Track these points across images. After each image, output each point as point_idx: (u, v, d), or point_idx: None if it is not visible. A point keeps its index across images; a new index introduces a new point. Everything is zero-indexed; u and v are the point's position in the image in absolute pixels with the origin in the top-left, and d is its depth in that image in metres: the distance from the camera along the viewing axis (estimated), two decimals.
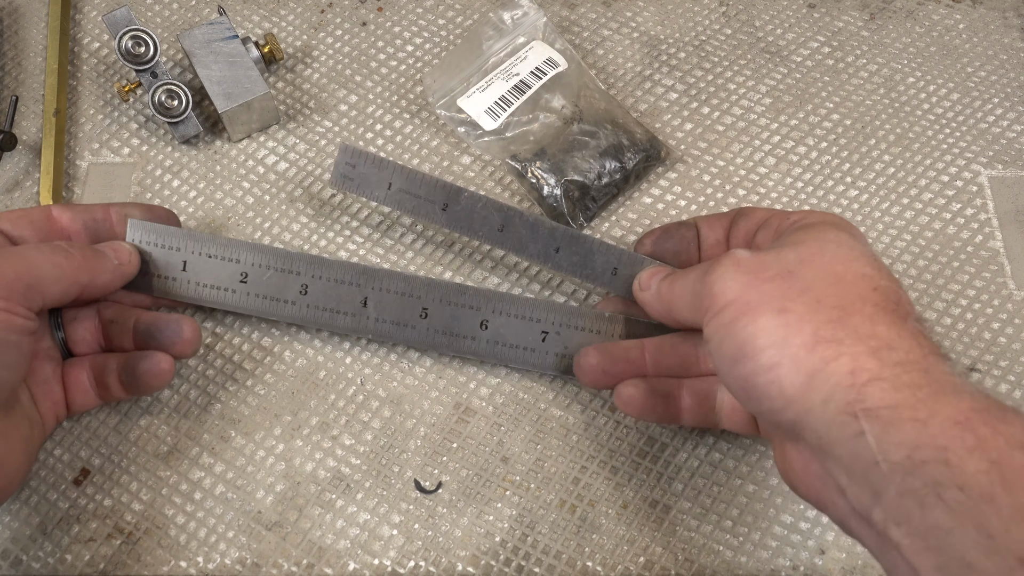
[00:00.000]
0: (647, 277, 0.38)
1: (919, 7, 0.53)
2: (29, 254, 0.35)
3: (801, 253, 0.31)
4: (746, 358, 0.29)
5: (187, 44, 0.47)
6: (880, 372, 0.27)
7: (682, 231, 0.40)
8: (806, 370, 0.28)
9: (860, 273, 0.30)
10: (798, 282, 0.30)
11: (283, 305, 0.40)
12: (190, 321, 0.39)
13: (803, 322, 0.29)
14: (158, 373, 0.37)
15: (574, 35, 0.52)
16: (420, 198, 0.41)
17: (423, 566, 0.38)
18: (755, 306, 0.30)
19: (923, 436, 0.25)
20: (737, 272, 0.31)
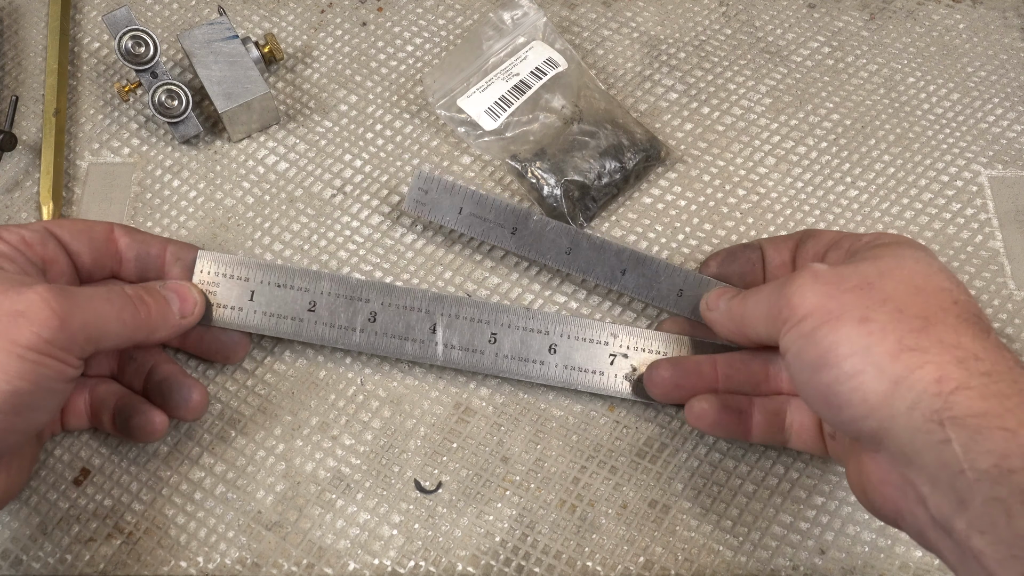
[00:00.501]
0: (715, 297, 0.38)
1: (919, 7, 0.53)
2: (101, 307, 0.34)
3: (880, 266, 0.31)
4: (828, 366, 0.29)
5: (187, 44, 0.47)
6: (967, 381, 0.27)
7: (747, 253, 0.40)
8: (890, 378, 0.28)
9: (940, 287, 0.30)
10: (879, 293, 0.30)
11: (351, 333, 0.40)
12: (200, 388, 0.38)
13: (886, 331, 0.28)
14: (150, 431, 0.37)
15: (574, 35, 0.52)
16: (490, 222, 0.41)
17: (423, 566, 0.38)
18: (836, 315, 0.30)
19: (1012, 445, 0.25)
20: (816, 283, 0.31)
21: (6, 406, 0.30)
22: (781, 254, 0.39)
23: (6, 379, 0.30)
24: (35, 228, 0.37)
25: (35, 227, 0.37)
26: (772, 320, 0.33)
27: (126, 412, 0.37)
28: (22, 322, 0.31)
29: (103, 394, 0.38)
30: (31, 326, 0.31)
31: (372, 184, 0.47)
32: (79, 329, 0.32)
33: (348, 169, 0.47)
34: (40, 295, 0.31)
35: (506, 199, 0.41)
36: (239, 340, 0.41)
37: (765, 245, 0.40)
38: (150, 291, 0.37)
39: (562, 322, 0.40)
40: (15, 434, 0.32)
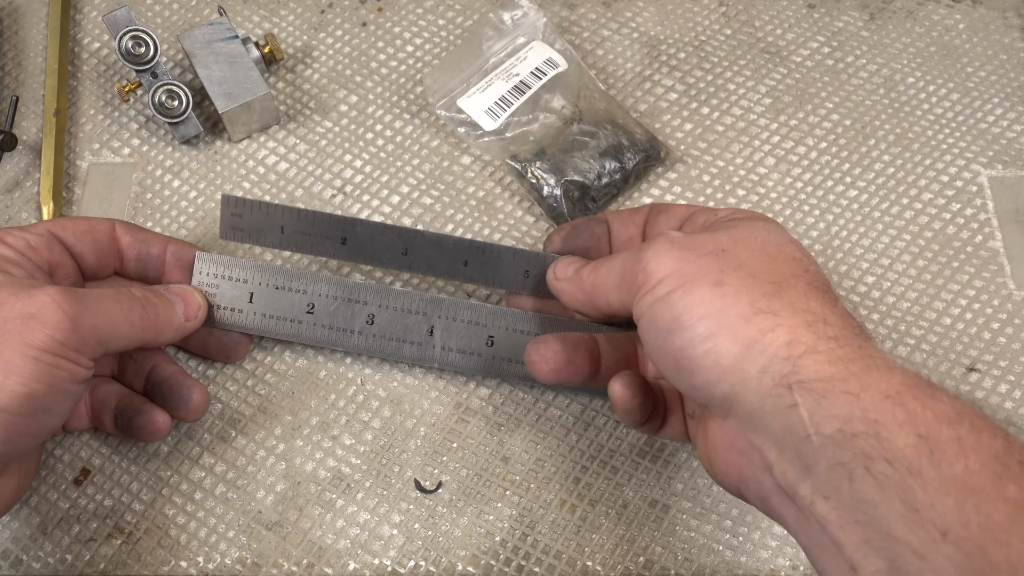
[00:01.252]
0: (564, 265, 0.37)
1: (919, 7, 0.53)
2: (110, 309, 0.34)
3: (734, 235, 0.32)
4: (682, 329, 0.29)
5: (187, 44, 0.47)
6: (816, 345, 0.27)
7: (592, 227, 0.39)
8: (743, 340, 0.28)
9: (791, 256, 0.31)
10: (733, 259, 0.30)
11: (349, 335, 0.40)
12: (201, 389, 0.38)
13: (739, 294, 0.29)
14: (153, 431, 0.37)
15: (574, 35, 0.52)
16: (316, 236, 0.40)
17: (423, 566, 0.38)
18: (691, 278, 0.30)
19: (855, 409, 0.25)
20: (672, 248, 0.31)
21: (23, 409, 0.31)
22: (628, 229, 0.39)
23: (22, 382, 0.30)
24: (39, 231, 0.36)
25: (39, 230, 0.37)
26: (626, 287, 0.32)
27: (128, 412, 0.37)
28: (35, 324, 0.31)
29: (104, 394, 0.38)
30: (44, 328, 0.31)
31: (372, 184, 0.47)
32: (90, 331, 0.32)
33: (348, 169, 0.47)
34: (51, 297, 0.32)
35: (327, 211, 0.40)
36: (239, 340, 0.41)
37: (611, 219, 0.39)
38: (156, 294, 0.37)
39: (559, 325, 0.40)
40: (31, 437, 0.32)
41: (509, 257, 0.40)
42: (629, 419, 0.35)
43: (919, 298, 0.44)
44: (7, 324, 0.31)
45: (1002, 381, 0.42)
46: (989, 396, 0.41)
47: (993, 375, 0.42)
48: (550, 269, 0.38)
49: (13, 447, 0.32)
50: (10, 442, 0.31)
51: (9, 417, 0.30)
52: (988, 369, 0.42)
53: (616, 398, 0.34)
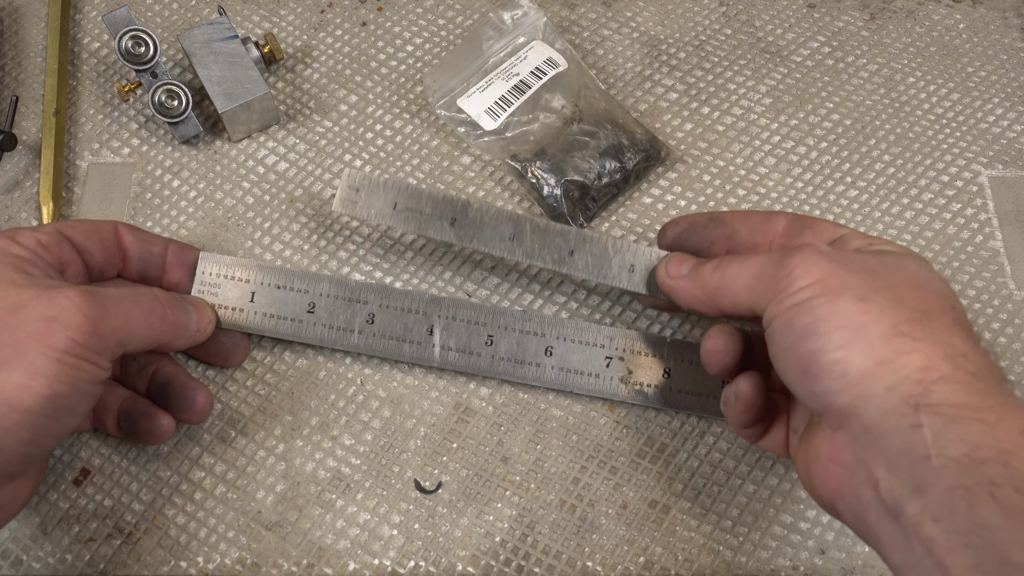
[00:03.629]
0: (676, 263, 0.37)
1: (919, 7, 0.53)
2: (130, 311, 0.34)
3: (884, 260, 0.31)
4: (818, 334, 0.29)
5: (187, 44, 0.47)
6: (952, 375, 0.27)
7: (710, 229, 0.38)
8: (876, 357, 0.28)
9: (939, 291, 0.30)
10: (881, 280, 0.30)
11: (349, 335, 0.40)
12: (205, 391, 0.38)
13: (883, 313, 0.29)
14: (157, 435, 0.37)
15: (574, 35, 0.52)
16: (427, 215, 0.40)
17: (423, 566, 0.38)
18: (837, 289, 0.29)
19: (987, 437, 0.25)
20: (821, 258, 0.31)
21: (47, 410, 0.31)
22: (755, 236, 0.37)
23: (46, 383, 0.31)
24: (48, 231, 0.36)
25: (47, 229, 0.36)
26: (762, 290, 0.32)
27: (132, 415, 0.37)
28: (56, 327, 0.31)
29: (106, 397, 0.38)
30: (66, 331, 0.31)
31: None
32: (110, 333, 0.33)
33: (348, 169, 0.47)
34: (72, 300, 0.32)
35: (441, 189, 0.40)
36: (239, 343, 0.41)
37: (738, 222, 0.38)
38: (174, 298, 0.37)
39: (558, 325, 0.40)
40: (54, 437, 0.33)
41: (615, 249, 0.39)
42: (744, 418, 0.34)
43: None
44: (29, 326, 0.31)
45: None
46: None
47: None
48: (660, 266, 0.37)
49: (37, 448, 0.32)
50: (35, 443, 0.31)
51: (34, 418, 0.31)
52: None
53: (743, 395, 0.34)
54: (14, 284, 0.32)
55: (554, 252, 0.40)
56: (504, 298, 0.43)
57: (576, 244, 0.39)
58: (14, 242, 0.35)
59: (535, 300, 0.43)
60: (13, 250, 0.34)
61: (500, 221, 0.40)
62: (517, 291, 0.44)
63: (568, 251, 0.40)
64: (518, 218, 0.40)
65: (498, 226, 0.40)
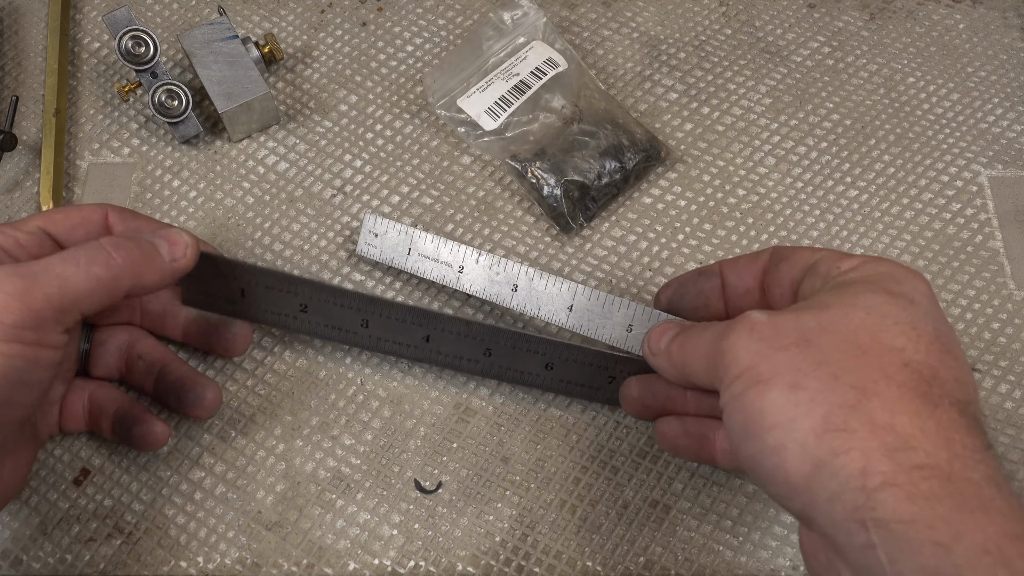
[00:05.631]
0: (656, 337, 0.35)
1: (919, 7, 0.53)
2: (62, 270, 0.31)
3: (823, 319, 0.28)
4: (752, 437, 0.27)
5: (187, 44, 0.47)
6: (894, 477, 0.25)
7: (701, 284, 0.37)
8: (812, 460, 0.26)
9: (889, 346, 0.27)
10: (816, 353, 0.27)
11: (345, 334, 0.40)
12: (214, 387, 0.38)
13: (815, 402, 0.26)
14: (152, 441, 0.37)
15: (574, 35, 0.52)
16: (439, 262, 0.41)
17: (423, 566, 0.38)
18: (766, 378, 0.27)
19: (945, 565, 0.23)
20: (751, 338, 0.28)
21: None
22: (745, 280, 0.36)
23: None
24: (29, 228, 0.35)
25: (29, 227, 0.35)
26: (711, 372, 0.30)
27: (127, 421, 0.37)
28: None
29: (102, 399, 0.38)
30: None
31: (372, 184, 0.47)
32: (44, 303, 0.30)
33: (348, 169, 0.47)
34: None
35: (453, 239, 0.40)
36: (240, 332, 0.40)
37: (726, 270, 0.36)
38: (130, 237, 0.34)
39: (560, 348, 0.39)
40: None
41: (615, 307, 0.39)
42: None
43: None
44: None
45: (1002, 381, 0.42)
46: (989, 396, 0.41)
47: (993, 375, 0.42)
48: (644, 342, 0.36)
49: None
50: None
51: None
52: (988, 369, 0.42)
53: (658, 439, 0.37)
54: None
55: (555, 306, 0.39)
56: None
57: (577, 298, 0.39)
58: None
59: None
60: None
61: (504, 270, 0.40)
62: None
63: (568, 305, 0.39)
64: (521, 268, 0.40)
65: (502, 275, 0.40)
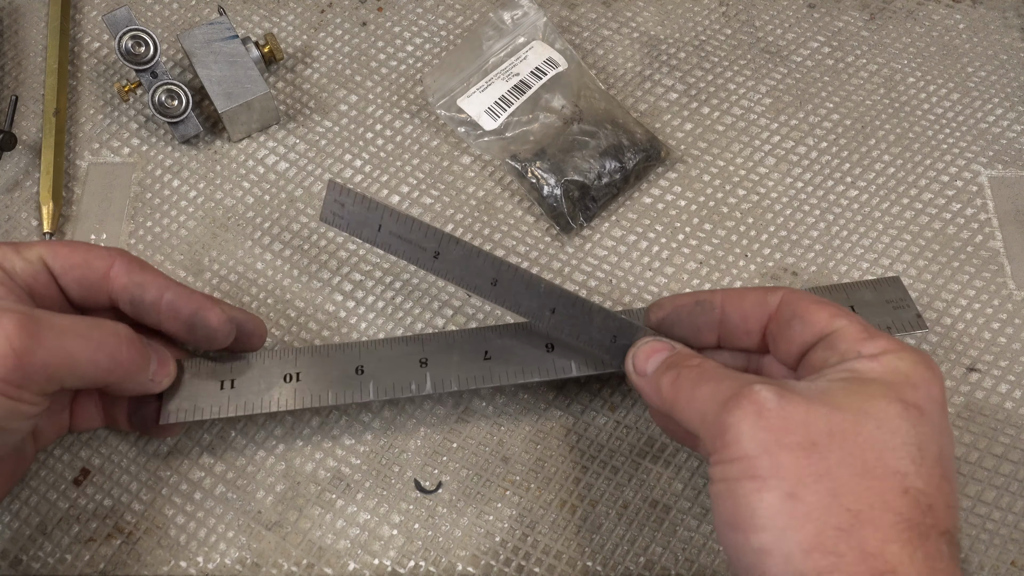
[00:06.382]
0: (643, 358, 0.34)
1: (919, 7, 0.53)
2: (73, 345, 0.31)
3: (833, 423, 0.27)
4: (737, 530, 0.27)
5: (187, 44, 0.47)
6: None
7: (696, 316, 0.35)
8: (794, 573, 0.26)
9: (893, 469, 0.27)
10: (820, 462, 0.27)
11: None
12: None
13: (808, 518, 0.26)
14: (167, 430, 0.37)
15: (574, 35, 0.52)
16: (412, 243, 0.38)
17: (423, 566, 0.38)
18: (766, 476, 0.27)
19: None
20: (758, 427, 0.27)
21: None
22: (748, 323, 0.34)
23: None
24: (30, 257, 0.34)
25: (31, 255, 0.34)
26: (703, 434, 0.29)
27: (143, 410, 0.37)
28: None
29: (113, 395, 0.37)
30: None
31: (372, 184, 0.47)
32: (40, 368, 0.30)
33: (348, 169, 0.47)
34: (4, 330, 0.29)
35: (427, 222, 0.38)
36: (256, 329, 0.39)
37: (728, 306, 0.34)
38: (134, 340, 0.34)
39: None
40: None
41: (599, 317, 0.36)
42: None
43: (919, 298, 0.44)
44: None
45: (1002, 381, 0.42)
46: (989, 396, 0.41)
47: (993, 375, 0.42)
48: (628, 357, 0.34)
49: None
50: None
51: None
52: (988, 369, 0.42)
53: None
54: None
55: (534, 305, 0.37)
56: None
57: (559, 303, 0.37)
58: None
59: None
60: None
61: (484, 265, 0.37)
62: None
63: (550, 308, 0.37)
64: (502, 264, 0.37)
65: (482, 269, 0.37)
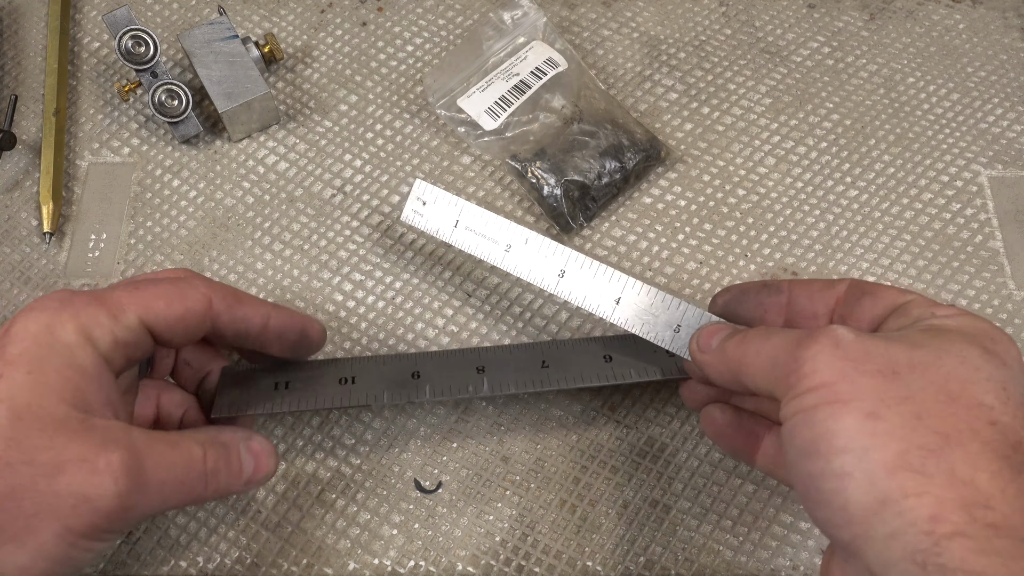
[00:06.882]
0: (707, 335, 0.33)
1: (919, 7, 0.53)
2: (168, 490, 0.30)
3: (914, 356, 0.26)
4: (817, 455, 0.26)
5: (187, 44, 0.47)
6: (967, 529, 0.23)
7: (763, 296, 0.34)
8: (878, 495, 0.24)
9: (978, 400, 0.26)
10: (902, 387, 0.26)
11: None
12: None
13: (892, 437, 0.25)
14: None
15: (574, 35, 0.52)
16: (485, 237, 0.39)
17: (423, 566, 0.38)
18: (845, 399, 0.26)
19: None
20: (835, 355, 0.27)
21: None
22: (816, 304, 0.33)
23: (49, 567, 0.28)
24: (131, 324, 0.31)
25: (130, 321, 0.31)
26: (775, 379, 0.29)
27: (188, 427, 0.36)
28: (84, 510, 0.28)
29: (168, 404, 0.36)
30: (93, 515, 0.28)
31: (372, 184, 0.47)
32: (138, 515, 0.29)
33: (348, 169, 0.47)
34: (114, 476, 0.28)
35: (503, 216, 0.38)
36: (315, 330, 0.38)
37: (797, 290, 0.34)
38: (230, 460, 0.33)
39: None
40: None
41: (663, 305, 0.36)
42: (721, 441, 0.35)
43: None
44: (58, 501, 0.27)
45: None
46: None
47: None
48: (693, 338, 0.34)
49: None
50: None
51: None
52: None
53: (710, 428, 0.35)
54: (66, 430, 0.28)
55: (600, 296, 0.37)
56: (504, 297, 0.43)
57: (624, 291, 0.36)
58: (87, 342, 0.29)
59: (535, 299, 0.43)
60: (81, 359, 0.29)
61: (553, 255, 0.38)
62: (517, 291, 0.44)
63: (615, 298, 0.37)
64: (569, 255, 0.37)
65: (550, 259, 0.38)
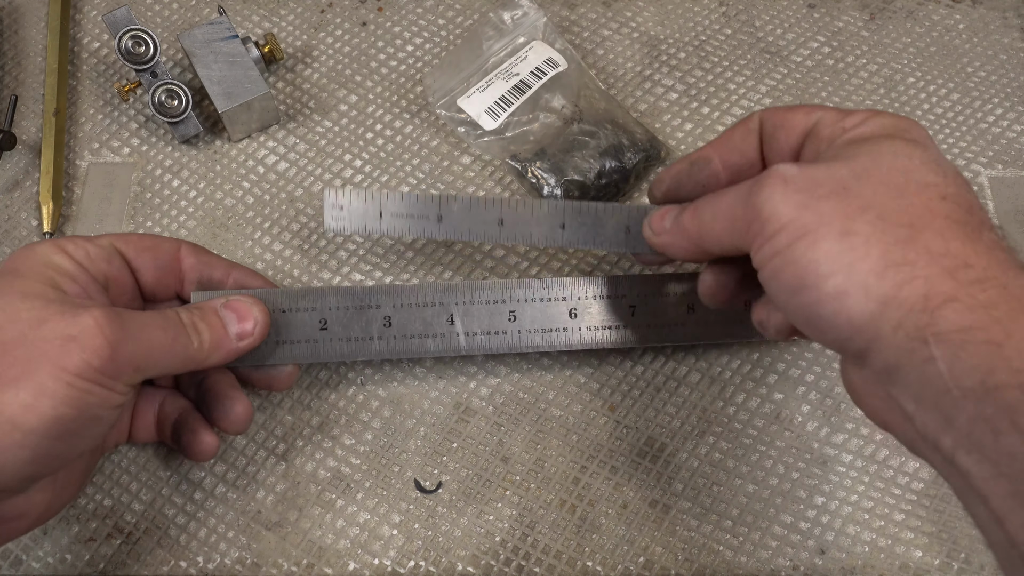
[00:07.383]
0: (658, 219, 0.34)
1: (919, 7, 0.53)
2: (154, 336, 0.32)
3: (854, 167, 0.28)
4: (808, 287, 0.27)
5: (187, 44, 0.47)
6: (955, 293, 0.25)
7: (696, 174, 0.35)
8: (877, 298, 0.26)
9: (923, 183, 0.28)
10: (857, 199, 0.27)
11: (369, 343, 0.39)
12: (244, 402, 0.37)
13: (870, 245, 0.26)
14: (198, 451, 0.37)
15: (574, 35, 0.52)
16: (413, 217, 0.39)
17: (423, 566, 0.38)
18: (814, 228, 0.27)
19: (998, 359, 0.24)
20: (787, 191, 0.28)
21: (50, 432, 0.30)
22: (747, 154, 0.34)
23: (52, 405, 0.30)
24: (102, 243, 0.35)
25: (102, 242, 0.35)
26: (739, 233, 0.30)
27: (180, 430, 0.37)
28: (73, 348, 0.30)
29: (169, 408, 0.38)
30: (82, 353, 0.30)
31: (372, 184, 0.47)
32: (128, 358, 0.31)
33: (348, 169, 0.47)
34: (95, 320, 0.30)
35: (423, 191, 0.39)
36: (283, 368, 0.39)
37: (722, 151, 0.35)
38: (206, 316, 0.35)
39: (577, 284, 0.39)
40: (58, 459, 0.32)
41: (607, 214, 0.38)
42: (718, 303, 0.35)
43: None
44: (46, 344, 0.30)
45: None
46: None
47: None
48: (645, 225, 0.35)
49: (39, 468, 0.31)
50: (36, 462, 0.30)
51: (37, 439, 0.30)
52: None
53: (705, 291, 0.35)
54: (44, 298, 0.31)
55: (545, 228, 0.39)
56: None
57: (567, 216, 0.38)
58: (61, 251, 0.34)
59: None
60: (56, 261, 0.33)
61: (487, 209, 0.39)
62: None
63: (559, 224, 0.38)
64: (502, 201, 0.39)
65: (486, 214, 0.39)
